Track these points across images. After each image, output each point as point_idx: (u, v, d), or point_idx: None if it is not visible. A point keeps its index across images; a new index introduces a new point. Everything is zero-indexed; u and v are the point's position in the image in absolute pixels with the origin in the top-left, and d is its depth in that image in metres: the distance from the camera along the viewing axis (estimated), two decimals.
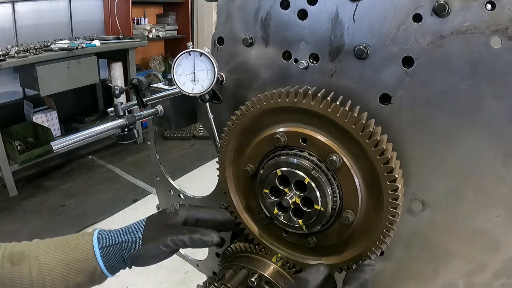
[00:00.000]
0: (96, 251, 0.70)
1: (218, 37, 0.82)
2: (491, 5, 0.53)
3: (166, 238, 0.70)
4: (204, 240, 0.72)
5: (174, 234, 0.71)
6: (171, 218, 0.74)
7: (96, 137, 0.84)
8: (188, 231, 0.72)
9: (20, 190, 3.79)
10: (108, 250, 0.70)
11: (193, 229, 0.73)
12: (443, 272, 0.71)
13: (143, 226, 0.73)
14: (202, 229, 0.74)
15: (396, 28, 0.60)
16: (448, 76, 0.58)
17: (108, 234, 0.73)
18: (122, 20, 4.86)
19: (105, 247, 0.70)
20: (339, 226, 0.69)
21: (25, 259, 0.68)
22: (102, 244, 0.71)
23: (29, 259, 0.68)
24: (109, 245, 0.71)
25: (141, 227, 0.72)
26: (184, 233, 0.71)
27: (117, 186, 3.94)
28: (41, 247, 0.71)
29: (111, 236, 0.72)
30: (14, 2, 4.04)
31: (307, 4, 0.68)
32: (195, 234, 0.71)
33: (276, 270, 0.78)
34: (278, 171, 0.68)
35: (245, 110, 0.71)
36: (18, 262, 0.67)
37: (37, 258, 0.69)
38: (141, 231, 0.71)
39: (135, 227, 0.73)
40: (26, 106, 4.23)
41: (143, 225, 0.73)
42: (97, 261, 0.70)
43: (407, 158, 0.66)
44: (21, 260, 0.68)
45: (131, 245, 0.70)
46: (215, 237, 0.73)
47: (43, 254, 0.69)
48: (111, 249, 0.70)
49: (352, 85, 0.67)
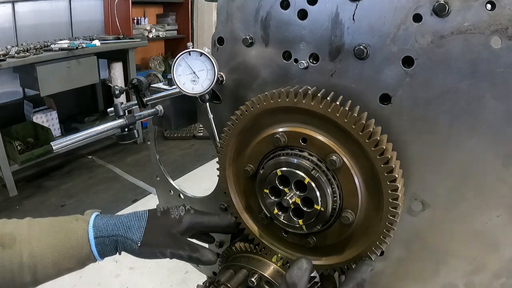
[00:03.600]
0: (91, 241, 0.69)
1: (218, 37, 0.82)
2: (491, 5, 0.53)
3: (166, 250, 0.70)
4: (201, 261, 0.72)
5: (175, 248, 0.71)
6: (174, 226, 0.73)
7: (96, 137, 0.84)
8: (189, 248, 0.72)
9: (20, 190, 3.79)
10: (103, 240, 0.69)
11: (194, 248, 0.73)
12: (443, 272, 0.71)
13: (143, 225, 0.71)
14: (203, 249, 0.73)
15: (396, 28, 0.60)
16: (448, 76, 0.58)
17: (104, 223, 0.71)
18: (122, 20, 4.86)
19: (100, 237, 0.69)
20: (339, 226, 0.69)
21: (16, 242, 0.66)
22: (98, 234, 0.69)
23: (20, 243, 0.66)
24: (104, 235, 0.69)
25: (141, 226, 0.71)
26: (185, 250, 0.71)
27: (117, 186, 3.94)
28: (33, 229, 0.68)
29: (107, 226, 0.70)
30: (14, 2, 4.04)
31: (307, 4, 0.68)
32: (194, 254, 0.72)
33: (276, 270, 0.78)
34: (278, 171, 0.68)
35: (245, 110, 0.71)
36: (9, 245, 0.65)
37: (29, 242, 0.66)
38: (141, 231, 0.70)
39: (135, 224, 0.71)
40: (26, 106, 4.23)
41: (143, 224, 0.72)
42: (91, 250, 0.69)
43: (407, 158, 0.66)
44: (12, 243, 0.66)
45: (128, 242, 0.69)
46: (212, 259, 0.74)
47: (35, 238, 0.67)
48: (106, 240, 0.69)
49: (352, 85, 0.67)
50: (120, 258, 2.10)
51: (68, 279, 2.45)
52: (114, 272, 2.56)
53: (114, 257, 0.74)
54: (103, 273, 2.53)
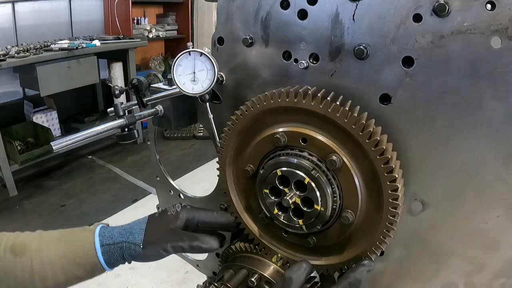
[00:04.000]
0: (97, 249, 0.71)
1: (218, 37, 0.82)
2: (491, 5, 0.53)
3: (166, 244, 0.71)
4: (203, 248, 0.73)
5: (175, 241, 0.72)
6: (171, 222, 0.74)
7: (96, 137, 0.84)
8: (188, 238, 0.73)
9: (20, 190, 3.79)
10: (109, 248, 0.72)
11: (193, 236, 0.73)
12: (443, 272, 0.71)
13: (144, 228, 0.73)
14: (202, 236, 0.74)
15: (396, 28, 0.60)
16: (448, 76, 0.58)
17: (109, 232, 0.73)
18: (122, 20, 4.85)
19: (106, 245, 0.72)
20: (339, 226, 0.69)
21: (27, 251, 0.69)
22: (104, 242, 0.72)
23: (31, 251, 0.69)
24: (110, 243, 0.72)
25: (142, 229, 0.73)
26: (184, 240, 0.72)
27: (117, 186, 3.94)
28: (43, 240, 0.72)
29: (112, 234, 0.73)
30: (14, 2, 4.04)
31: (307, 4, 0.68)
32: (194, 242, 0.72)
33: (276, 270, 0.78)
34: (278, 171, 0.68)
35: (245, 110, 0.71)
36: (20, 253, 0.69)
37: (39, 251, 0.70)
38: (142, 233, 0.72)
39: (137, 228, 0.74)
40: (26, 106, 4.23)
41: (144, 226, 0.74)
42: (98, 258, 0.71)
43: (407, 158, 0.66)
44: (23, 251, 0.69)
45: (132, 246, 0.72)
46: (214, 244, 0.74)
47: (45, 247, 0.70)
48: (112, 247, 0.72)
49: (352, 85, 0.67)
50: None
51: None
52: (114, 272, 2.55)
53: None
54: (103, 273, 2.53)
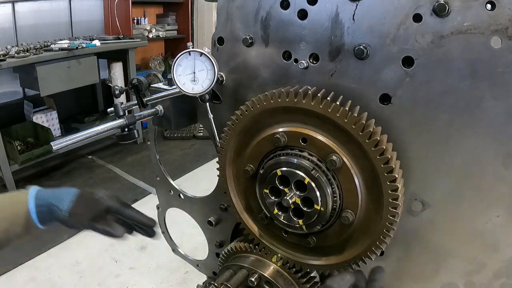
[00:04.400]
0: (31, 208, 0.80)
1: (218, 37, 0.82)
2: (491, 5, 0.53)
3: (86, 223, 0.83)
4: (113, 234, 0.84)
5: (93, 222, 0.83)
6: (97, 204, 0.85)
7: (96, 137, 0.85)
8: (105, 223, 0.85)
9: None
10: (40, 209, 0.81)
11: (109, 223, 0.85)
12: (443, 272, 0.71)
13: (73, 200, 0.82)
14: (116, 226, 0.86)
15: (396, 28, 0.60)
16: (448, 76, 0.58)
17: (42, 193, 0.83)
18: (122, 20, 4.85)
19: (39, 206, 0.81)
20: (339, 226, 0.69)
21: None
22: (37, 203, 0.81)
23: None
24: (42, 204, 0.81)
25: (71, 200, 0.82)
26: (101, 224, 0.84)
27: (117, 186, 3.93)
28: None
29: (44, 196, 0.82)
30: (14, 2, 4.04)
31: (307, 4, 0.68)
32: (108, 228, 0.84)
33: (276, 270, 0.78)
34: (278, 171, 0.68)
35: (245, 110, 0.71)
36: None
37: None
38: (69, 204, 0.81)
39: (65, 195, 0.82)
40: (26, 106, 4.23)
41: (73, 198, 0.82)
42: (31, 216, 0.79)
43: (407, 158, 0.66)
44: None
45: (58, 211, 0.81)
46: (120, 233, 0.86)
47: None
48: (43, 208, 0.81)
49: (352, 85, 0.67)
50: (120, 258, 2.10)
51: (68, 279, 2.44)
52: (114, 272, 2.56)
53: (114, 257, 0.75)
54: (103, 273, 2.53)
